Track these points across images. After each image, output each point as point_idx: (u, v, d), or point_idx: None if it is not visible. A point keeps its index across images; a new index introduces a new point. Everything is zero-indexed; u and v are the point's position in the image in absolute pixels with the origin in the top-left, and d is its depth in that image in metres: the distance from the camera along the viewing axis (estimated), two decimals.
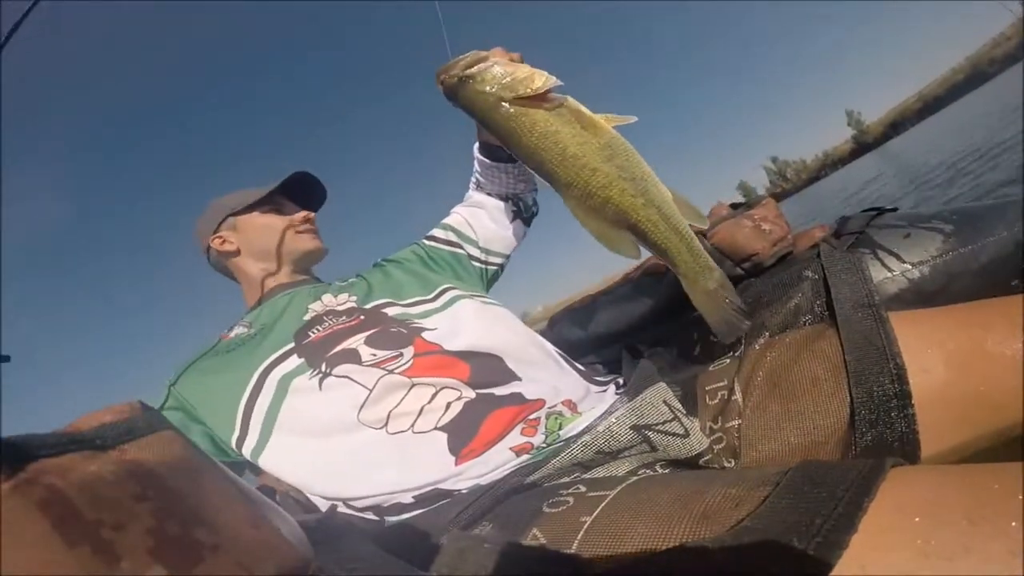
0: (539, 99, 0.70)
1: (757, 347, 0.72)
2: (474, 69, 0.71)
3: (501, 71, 0.71)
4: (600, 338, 1.07)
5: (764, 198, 0.92)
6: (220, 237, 1.04)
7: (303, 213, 1.06)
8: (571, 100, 0.71)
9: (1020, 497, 0.32)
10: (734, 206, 0.92)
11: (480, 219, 1.10)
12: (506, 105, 0.71)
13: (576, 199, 0.72)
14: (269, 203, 1.04)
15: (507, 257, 1.13)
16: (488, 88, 0.71)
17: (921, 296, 0.74)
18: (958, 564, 0.30)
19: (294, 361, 0.81)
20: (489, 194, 1.10)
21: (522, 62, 0.78)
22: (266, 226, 1.03)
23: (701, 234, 0.89)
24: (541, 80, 0.70)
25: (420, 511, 0.66)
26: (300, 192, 1.09)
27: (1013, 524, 0.30)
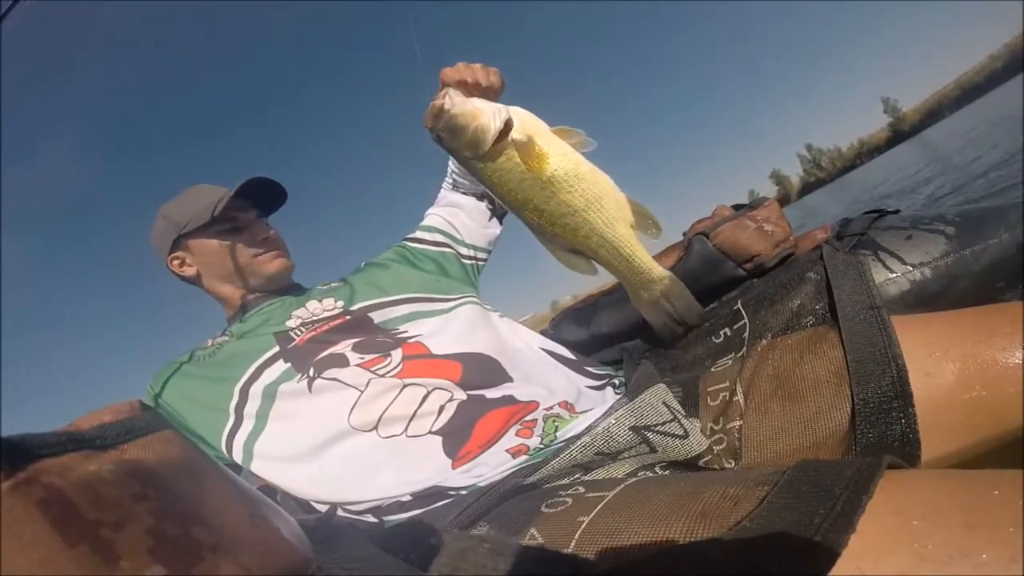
0: (498, 143, 0.72)
1: (759, 348, 0.72)
2: (440, 124, 0.72)
3: (463, 124, 0.71)
4: (602, 338, 1.07)
5: (766, 199, 0.92)
6: (177, 258, 0.97)
7: (264, 235, 0.97)
8: (515, 135, 0.72)
9: (1019, 503, 0.31)
10: (737, 207, 0.92)
11: (459, 218, 1.11)
12: (474, 161, 0.74)
13: (535, 232, 0.78)
14: (222, 220, 0.93)
15: (489, 253, 1.14)
16: (455, 147, 0.74)
17: (923, 298, 0.74)
18: (955, 568, 0.30)
19: (280, 367, 0.80)
20: (465, 193, 1.11)
21: (488, 80, 0.80)
22: (222, 253, 0.94)
23: (703, 235, 0.89)
24: (492, 129, 0.71)
25: (419, 511, 0.66)
26: (256, 193, 0.98)
27: (1011, 530, 0.30)
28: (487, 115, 0.71)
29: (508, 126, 0.71)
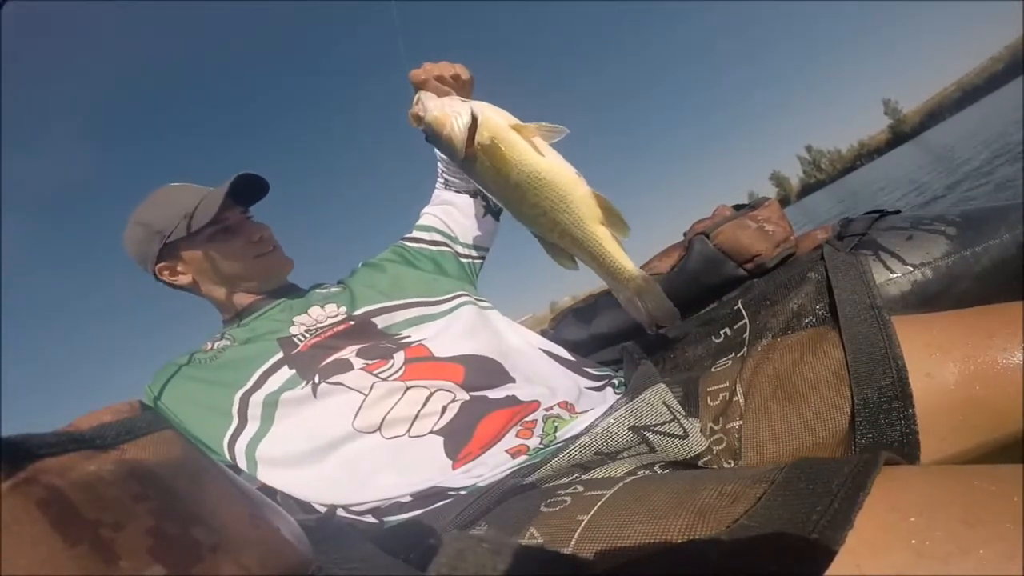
0: (471, 147, 0.74)
1: (760, 348, 0.72)
2: (422, 127, 0.75)
3: (436, 132, 0.74)
4: (602, 338, 1.07)
5: (767, 199, 0.92)
6: (167, 268, 0.92)
7: (259, 234, 0.94)
8: (480, 139, 0.73)
9: (1016, 499, 0.31)
10: (737, 207, 0.92)
11: (453, 216, 1.11)
12: (464, 165, 0.76)
13: (528, 228, 0.80)
14: (211, 223, 0.89)
15: (486, 251, 1.14)
16: (443, 147, 0.76)
17: (923, 298, 0.74)
18: (953, 565, 0.30)
19: (285, 373, 0.79)
20: (457, 191, 1.12)
21: (452, 71, 0.84)
22: (221, 259, 0.92)
23: (704, 235, 0.89)
24: (458, 137, 0.73)
25: (419, 511, 0.66)
26: (240, 189, 0.93)
27: (1009, 526, 0.30)
28: (451, 121, 0.73)
29: (473, 130, 0.73)
